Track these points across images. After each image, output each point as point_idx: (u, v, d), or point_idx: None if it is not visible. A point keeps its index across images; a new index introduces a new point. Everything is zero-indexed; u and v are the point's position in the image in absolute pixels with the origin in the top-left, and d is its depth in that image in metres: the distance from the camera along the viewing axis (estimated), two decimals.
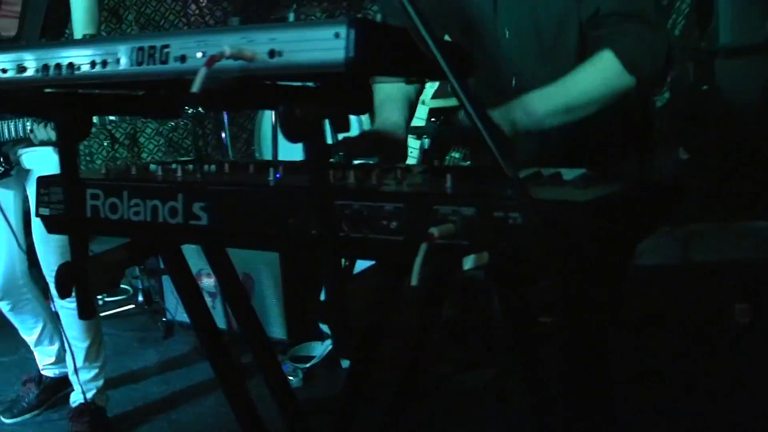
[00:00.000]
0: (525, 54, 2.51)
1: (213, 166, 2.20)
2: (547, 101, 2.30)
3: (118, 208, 2.11)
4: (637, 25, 2.31)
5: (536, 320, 1.70)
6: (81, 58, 1.76)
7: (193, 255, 2.46)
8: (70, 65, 1.76)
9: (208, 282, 5.56)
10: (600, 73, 2.30)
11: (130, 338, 5.69)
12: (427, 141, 5.14)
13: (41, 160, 3.74)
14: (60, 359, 4.37)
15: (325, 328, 4.93)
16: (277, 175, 2.02)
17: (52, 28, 3.57)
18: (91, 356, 4.17)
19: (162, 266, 5.54)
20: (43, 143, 3.59)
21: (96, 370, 4.21)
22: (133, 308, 6.24)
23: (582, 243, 1.55)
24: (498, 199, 1.62)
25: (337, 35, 1.47)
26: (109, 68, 1.72)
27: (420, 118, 5.02)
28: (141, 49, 1.67)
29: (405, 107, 2.58)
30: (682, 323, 4.99)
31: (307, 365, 4.87)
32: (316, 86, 1.69)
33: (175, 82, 1.64)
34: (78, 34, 3.46)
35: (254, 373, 4.76)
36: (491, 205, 1.63)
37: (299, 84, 1.70)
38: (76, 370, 4.14)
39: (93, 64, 1.74)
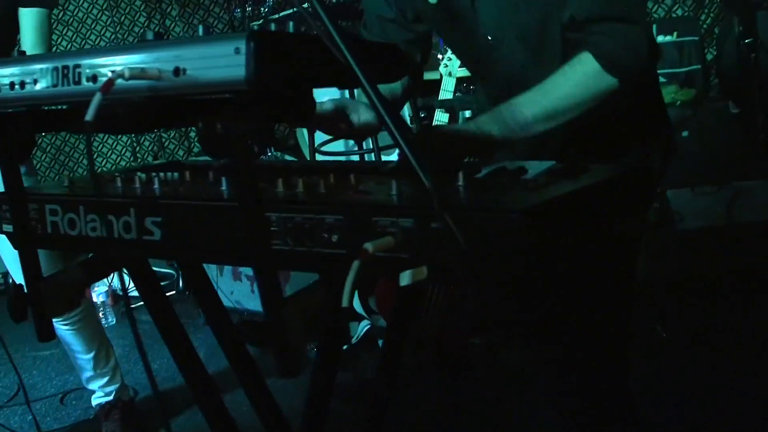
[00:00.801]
0: (512, 57, 2.41)
1: (176, 174, 2.12)
2: (526, 109, 2.20)
3: (76, 223, 2.04)
4: (614, 24, 2.19)
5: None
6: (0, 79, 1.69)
7: None
8: None
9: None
10: (579, 77, 2.18)
11: None
12: (465, 113, 5.02)
13: None
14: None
15: (359, 308, 4.87)
16: None
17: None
18: (100, 363, 4.15)
19: None
20: None
21: (110, 374, 4.19)
22: (174, 294, 6.22)
23: (516, 256, 1.45)
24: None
25: (237, 50, 1.38)
26: (27, 90, 1.65)
27: (447, 91, 4.90)
28: (56, 69, 1.60)
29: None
30: (726, 285, 4.88)
31: (343, 347, 4.79)
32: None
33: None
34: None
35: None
36: (429, 216, 1.53)
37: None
38: (88, 380, 4.16)
39: (12, 85, 1.66)
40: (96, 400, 4.23)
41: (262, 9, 6.97)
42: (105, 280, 6.17)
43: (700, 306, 4.78)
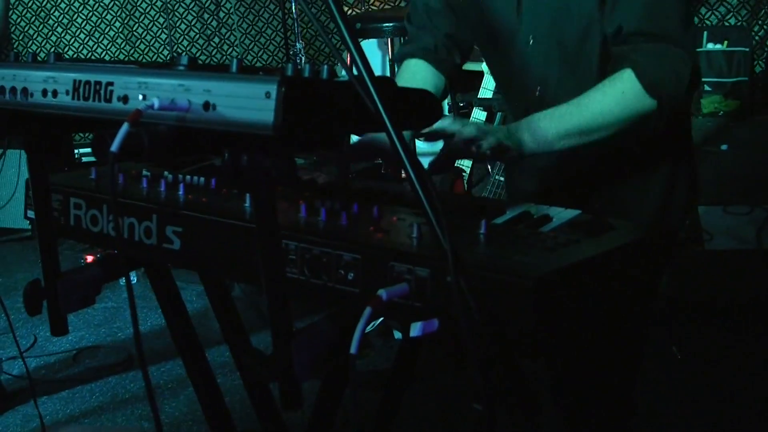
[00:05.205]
0: (548, 62, 2.37)
1: (202, 179, 2.10)
2: (560, 122, 2.16)
3: (99, 220, 2.06)
4: (661, 45, 2.15)
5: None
6: (35, 84, 1.68)
7: None
8: (24, 91, 1.70)
9: None
10: (618, 95, 2.14)
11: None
12: (499, 115, 4.94)
13: None
14: None
15: None
16: None
17: None
18: None
19: None
20: None
21: None
22: None
23: (527, 322, 1.45)
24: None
25: (267, 95, 1.37)
26: (58, 99, 1.65)
27: (488, 89, 4.85)
28: (88, 83, 1.60)
29: None
30: (749, 312, 4.80)
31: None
32: None
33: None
34: None
35: None
36: (445, 268, 1.52)
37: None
38: None
39: (44, 92, 1.66)
40: None
41: None
42: None
43: (720, 330, 4.72)
